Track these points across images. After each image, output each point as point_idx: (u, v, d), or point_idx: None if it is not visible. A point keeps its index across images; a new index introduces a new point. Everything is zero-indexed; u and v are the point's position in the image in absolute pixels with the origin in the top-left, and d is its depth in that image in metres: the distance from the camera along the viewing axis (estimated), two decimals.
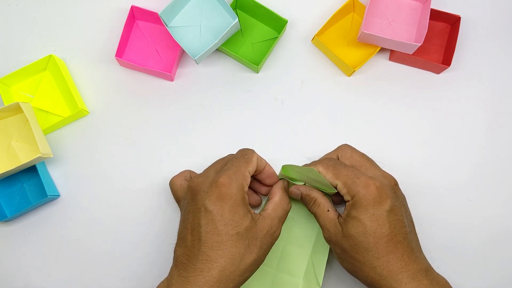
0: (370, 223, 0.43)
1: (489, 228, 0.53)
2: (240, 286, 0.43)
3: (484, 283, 0.52)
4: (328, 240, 0.46)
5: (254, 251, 0.43)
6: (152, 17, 0.55)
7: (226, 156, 0.50)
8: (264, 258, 0.45)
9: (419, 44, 0.51)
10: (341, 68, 0.55)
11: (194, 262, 0.41)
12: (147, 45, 0.56)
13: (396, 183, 0.47)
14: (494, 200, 0.54)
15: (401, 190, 0.47)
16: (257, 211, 0.49)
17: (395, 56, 0.55)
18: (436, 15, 0.55)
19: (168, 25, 0.53)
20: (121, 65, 0.56)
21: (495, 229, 0.53)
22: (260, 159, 0.48)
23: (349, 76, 0.56)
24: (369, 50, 0.55)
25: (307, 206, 0.48)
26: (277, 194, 0.48)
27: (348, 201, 0.45)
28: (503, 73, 0.56)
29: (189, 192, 0.45)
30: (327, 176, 0.46)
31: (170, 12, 0.53)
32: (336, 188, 0.46)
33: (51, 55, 0.54)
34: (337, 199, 0.49)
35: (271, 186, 0.50)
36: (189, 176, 0.51)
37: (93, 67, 0.56)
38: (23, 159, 0.52)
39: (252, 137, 0.55)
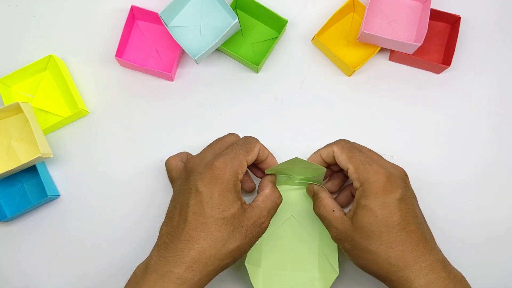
0: (381, 211, 0.42)
1: (489, 228, 0.53)
2: (220, 272, 0.43)
3: (484, 283, 0.52)
4: (336, 238, 0.45)
5: (238, 238, 0.43)
6: (152, 17, 0.55)
7: (226, 137, 0.49)
8: (249, 248, 0.45)
9: (419, 44, 0.51)
10: (341, 68, 0.55)
11: (176, 242, 0.41)
12: (147, 45, 0.56)
13: (406, 175, 0.46)
14: (495, 200, 0.54)
15: (410, 185, 0.47)
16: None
17: (395, 56, 0.55)
18: (436, 15, 0.55)
19: (168, 25, 0.53)
20: (121, 65, 0.56)
21: (495, 229, 0.53)
22: (263, 149, 0.48)
23: (349, 76, 0.56)
24: (369, 50, 0.55)
25: (313, 206, 0.48)
26: (268, 187, 0.48)
27: (357, 188, 0.44)
28: (503, 72, 0.56)
29: (184, 172, 0.45)
30: (341, 157, 0.46)
31: (170, 12, 0.53)
32: (347, 172, 0.46)
33: (51, 55, 0.54)
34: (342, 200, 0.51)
35: None
36: (185, 157, 0.51)
37: (93, 67, 0.56)
38: (23, 159, 0.52)
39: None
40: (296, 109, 0.55)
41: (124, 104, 0.55)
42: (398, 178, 0.44)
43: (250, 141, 0.47)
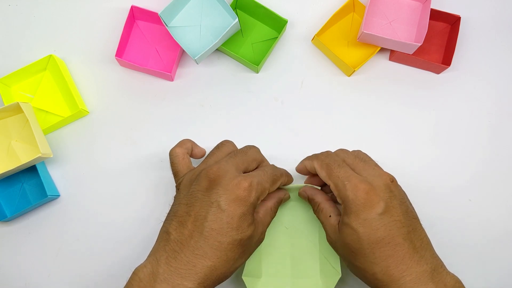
0: (362, 229, 0.41)
1: (489, 228, 0.53)
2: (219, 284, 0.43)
3: (484, 283, 0.52)
4: (331, 244, 0.46)
5: (245, 256, 0.43)
6: (152, 17, 0.55)
7: (248, 151, 0.47)
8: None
9: (419, 44, 0.51)
10: (341, 68, 0.55)
11: (188, 254, 0.40)
12: (147, 45, 0.56)
13: (392, 180, 0.44)
14: (495, 200, 0.54)
15: (399, 187, 0.45)
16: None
17: (395, 56, 0.55)
18: (436, 15, 0.55)
19: (168, 25, 0.53)
20: (121, 65, 0.56)
21: (495, 229, 0.53)
22: (283, 182, 0.48)
23: (349, 76, 0.56)
24: (369, 50, 0.55)
25: (313, 210, 0.48)
26: (272, 201, 0.47)
27: (341, 203, 0.44)
28: (503, 72, 0.56)
29: (204, 179, 0.43)
30: (321, 174, 0.45)
31: (170, 12, 0.53)
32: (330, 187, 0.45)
33: (51, 55, 0.54)
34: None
35: None
36: (190, 147, 0.49)
37: (93, 67, 0.56)
38: (23, 159, 0.52)
39: (252, 137, 0.55)
40: (296, 109, 0.55)
41: (124, 104, 0.55)
42: (381, 189, 0.42)
43: (277, 172, 0.47)
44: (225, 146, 0.48)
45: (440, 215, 0.53)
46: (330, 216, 0.45)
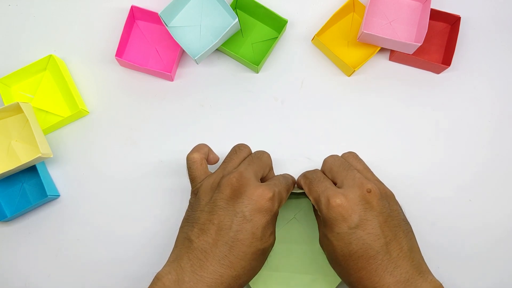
0: (336, 242, 0.42)
1: (489, 229, 0.53)
2: None
3: (484, 284, 0.52)
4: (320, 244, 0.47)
5: (263, 263, 0.44)
6: (152, 17, 0.55)
7: (262, 156, 0.48)
8: None
9: (419, 44, 0.51)
10: (341, 68, 0.55)
11: (214, 263, 0.40)
12: (147, 45, 0.56)
13: (369, 190, 0.42)
14: (495, 201, 0.54)
15: (379, 195, 0.43)
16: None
17: (395, 56, 0.55)
18: (436, 15, 0.55)
19: (168, 25, 0.53)
20: (121, 65, 0.56)
21: (495, 229, 0.53)
22: (294, 180, 0.49)
23: (349, 76, 0.56)
24: (369, 50, 0.55)
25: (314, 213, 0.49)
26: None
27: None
28: (503, 72, 0.56)
29: (227, 188, 0.42)
30: (305, 189, 0.46)
31: (170, 12, 0.53)
32: None
33: (51, 55, 0.54)
34: None
35: None
36: (207, 152, 0.49)
37: (93, 67, 0.56)
38: (23, 159, 0.52)
39: (252, 137, 0.55)
40: (296, 109, 0.55)
41: (124, 104, 0.55)
42: (355, 202, 0.42)
43: (289, 181, 0.47)
44: (242, 151, 0.48)
45: (440, 215, 0.53)
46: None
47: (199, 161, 0.47)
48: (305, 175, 0.48)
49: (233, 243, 0.41)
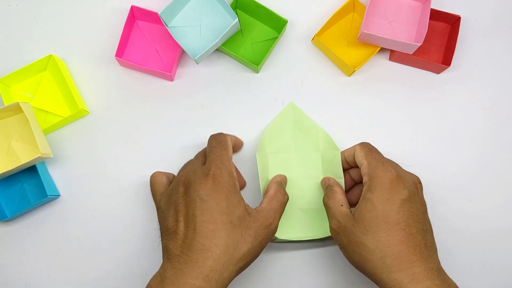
0: (382, 206, 0.42)
1: (489, 229, 0.53)
2: (235, 276, 0.43)
3: (484, 284, 0.52)
4: (335, 231, 0.45)
5: (249, 240, 0.43)
6: (152, 17, 0.55)
7: (201, 151, 0.50)
8: (260, 251, 0.45)
9: (419, 44, 0.51)
10: (341, 68, 0.55)
11: (189, 253, 0.41)
12: (147, 45, 0.56)
13: (419, 182, 0.47)
14: (494, 200, 0.54)
15: (422, 192, 0.46)
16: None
17: (395, 56, 0.55)
18: (436, 15, 0.55)
19: (168, 25, 0.53)
20: (121, 65, 0.56)
21: (495, 229, 0.53)
22: (231, 138, 0.50)
23: (349, 76, 0.56)
24: (369, 50, 0.55)
25: (324, 196, 0.49)
26: (272, 188, 0.48)
27: (365, 183, 0.45)
28: (503, 73, 0.56)
29: (180, 186, 0.45)
30: (359, 154, 0.48)
31: (170, 12, 0.53)
32: (361, 168, 0.47)
33: (51, 55, 0.54)
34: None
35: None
36: (172, 177, 0.51)
37: (93, 67, 0.56)
38: (23, 159, 0.52)
39: (252, 137, 0.55)
40: None
41: (124, 104, 0.55)
42: (409, 182, 0.44)
43: (220, 138, 0.48)
44: (197, 155, 0.50)
45: (440, 215, 0.53)
46: (342, 205, 0.46)
47: (159, 178, 0.50)
48: (364, 143, 0.49)
49: (200, 226, 0.42)
